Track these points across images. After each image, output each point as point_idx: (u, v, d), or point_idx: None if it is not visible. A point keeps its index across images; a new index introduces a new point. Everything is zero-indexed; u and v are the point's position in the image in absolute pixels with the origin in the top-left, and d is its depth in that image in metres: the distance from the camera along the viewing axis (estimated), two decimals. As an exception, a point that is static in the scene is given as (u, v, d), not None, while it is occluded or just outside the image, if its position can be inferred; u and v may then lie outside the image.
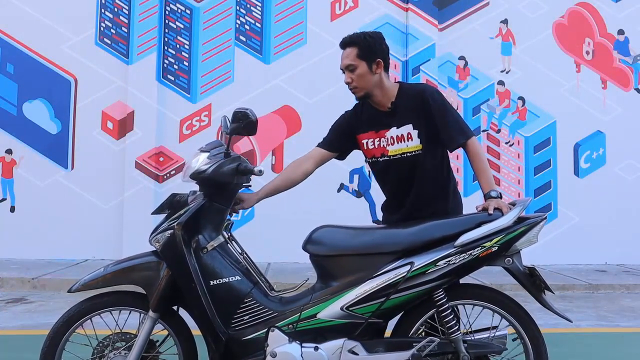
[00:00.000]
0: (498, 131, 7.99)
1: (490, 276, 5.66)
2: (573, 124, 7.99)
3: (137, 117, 7.50)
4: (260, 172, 2.37)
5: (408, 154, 2.56)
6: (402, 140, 2.56)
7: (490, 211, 2.31)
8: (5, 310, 5.03)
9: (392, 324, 2.41)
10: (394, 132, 2.57)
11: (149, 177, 7.49)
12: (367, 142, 2.65)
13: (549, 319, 3.79)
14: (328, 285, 2.35)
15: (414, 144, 2.55)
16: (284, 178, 2.71)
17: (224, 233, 2.43)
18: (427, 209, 2.56)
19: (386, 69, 2.60)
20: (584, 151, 8.09)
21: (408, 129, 2.55)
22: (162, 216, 2.43)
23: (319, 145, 2.75)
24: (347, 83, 2.59)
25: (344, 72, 2.60)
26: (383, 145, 2.60)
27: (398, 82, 2.68)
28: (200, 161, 2.37)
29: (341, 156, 2.79)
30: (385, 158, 2.61)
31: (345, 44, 2.59)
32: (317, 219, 2.81)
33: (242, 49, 7.76)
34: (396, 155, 2.58)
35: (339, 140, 2.73)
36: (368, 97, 2.60)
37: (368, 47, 2.55)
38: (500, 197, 2.42)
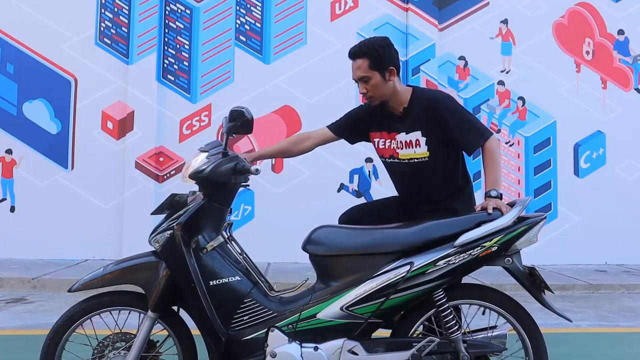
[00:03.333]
0: (498, 131, 7.98)
1: (490, 276, 5.66)
2: (573, 124, 7.98)
3: (137, 117, 7.50)
4: (257, 171, 2.38)
5: (416, 160, 2.61)
6: (411, 146, 2.60)
7: (490, 211, 2.32)
8: (5, 310, 5.03)
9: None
10: (403, 137, 2.61)
11: (149, 177, 7.48)
12: (378, 141, 2.72)
13: (549, 319, 3.79)
14: (328, 286, 2.35)
15: (421, 150, 2.59)
16: (282, 149, 2.86)
17: (224, 233, 2.43)
18: (438, 208, 2.60)
19: (398, 73, 2.63)
20: (584, 151, 8.08)
21: (417, 135, 2.58)
22: (162, 216, 2.43)
23: (328, 126, 2.84)
24: (363, 93, 2.61)
25: (357, 83, 2.62)
26: (393, 148, 2.66)
27: (411, 86, 2.71)
28: (199, 161, 2.37)
29: (350, 142, 2.92)
30: (396, 160, 2.67)
31: (354, 54, 2.59)
32: (317, 219, 2.82)
33: (242, 49, 7.75)
34: (405, 159, 2.63)
35: (349, 129, 2.82)
36: (384, 104, 2.64)
37: (379, 57, 2.55)
38: (501, 198, 2.42)
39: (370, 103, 2.68)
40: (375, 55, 2.55)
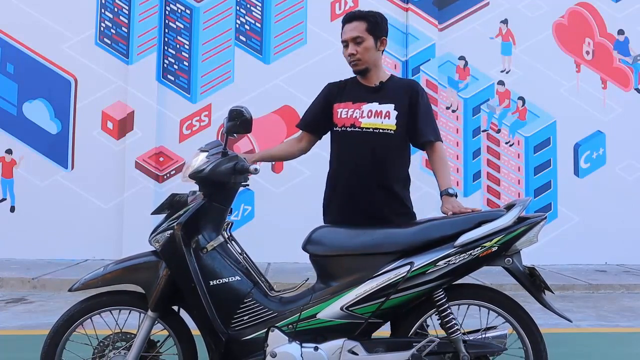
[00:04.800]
0: (498, 131, 7.99)
1: (490, 276, 5.66)
2: (573, 124, 7.99)
3: (137, 117, 7.50)
4: (256, 171, 2.38)
5: (380, 130, 2.61)
6: (379, 116, 2.62)
7: (463, 210, 2.41)
8: (5, 310, 5.03)
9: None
10: (374, 106, 2.63)
11: (149, 177, 7.49)
12: (341, 112, 2.69)
13: (549, 319, 3.79)
14: (328, 285, 2.35)
15: (389, 122, 2.62)
16: (282, 151, 2.90)
17: (224, 233, 2.43)
18: (386, 196, 2.61)
19: (383, 50, 2.74)
20: (584, 151, 8.09)
21: (389, 107, 2.63)
22: (162, 216, 2.42)
23: (298, 126, 2.85)
24: (351, 54, 2.64)
25: (345, 46, 2.66)
26: (356, 117, 2.64)
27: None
28: (199, 161, 2.37)
29: (317, 133, 2.84)
30: (356, 129, 2.64)
31: (352, 17, 2.67)
32: (317, 219, 2.82)
33: (242, 49, 7.76)
34: (368, 128, 2.62)
35: (316, 114, 2.78)
36: (366, 72, 2.68)
37: (376, 23, 2.65)
38: (456, 196, 2.53)
39: (354, 68, 2.67)
40: (374, 20, 2.65)
